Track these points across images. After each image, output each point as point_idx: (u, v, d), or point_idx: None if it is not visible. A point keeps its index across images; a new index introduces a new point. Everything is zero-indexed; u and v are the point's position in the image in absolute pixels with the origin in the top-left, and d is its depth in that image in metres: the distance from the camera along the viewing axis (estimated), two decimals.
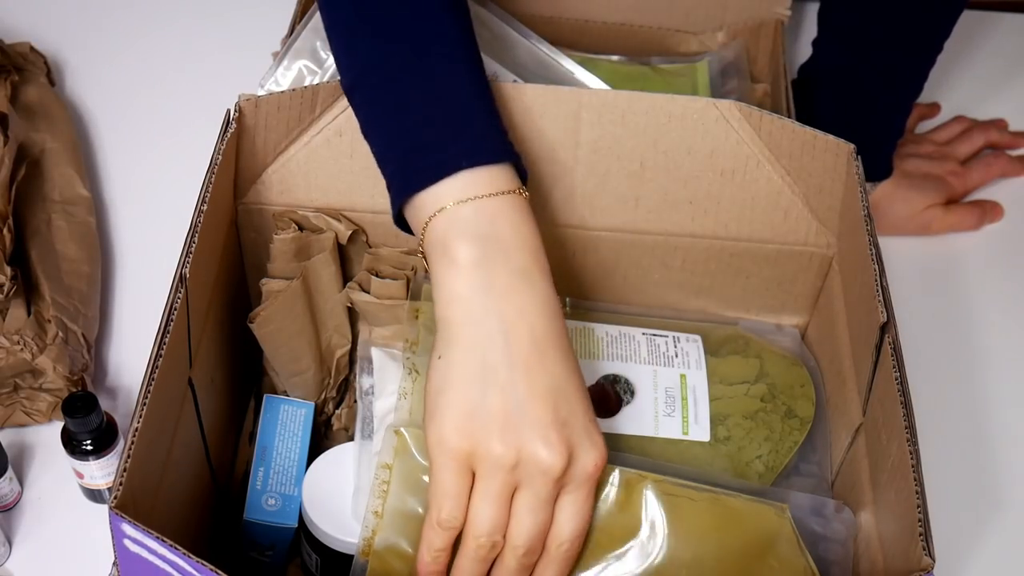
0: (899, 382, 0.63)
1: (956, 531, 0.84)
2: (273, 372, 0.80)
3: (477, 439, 0.61)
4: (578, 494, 0.63)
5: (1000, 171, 1.08)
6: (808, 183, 0.76)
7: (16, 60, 1.03)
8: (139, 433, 0.59)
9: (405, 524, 0.67)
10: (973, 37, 1.20)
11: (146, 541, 0.56)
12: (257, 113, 0.74)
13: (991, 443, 0.90)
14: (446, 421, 0.61)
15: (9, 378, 0.83)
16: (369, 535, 0.67)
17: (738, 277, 0.81)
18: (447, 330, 0.63)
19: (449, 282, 0.63)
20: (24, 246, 0.88)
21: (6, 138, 0.90)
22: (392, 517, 0.67)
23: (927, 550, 0.57)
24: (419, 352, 0.75)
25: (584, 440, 0.62)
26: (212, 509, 0.77)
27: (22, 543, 0.80)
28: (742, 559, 0.67)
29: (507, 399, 0.61)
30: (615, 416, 0.73)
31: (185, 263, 0.65)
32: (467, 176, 0.64)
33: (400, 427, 0.69)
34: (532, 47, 0.87)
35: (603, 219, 0.79)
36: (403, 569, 0.67)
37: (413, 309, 0.77)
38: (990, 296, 1.00)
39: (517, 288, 0.62)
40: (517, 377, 0.61)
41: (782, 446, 0.75)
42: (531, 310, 0.62)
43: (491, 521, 0.62)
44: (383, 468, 0.68)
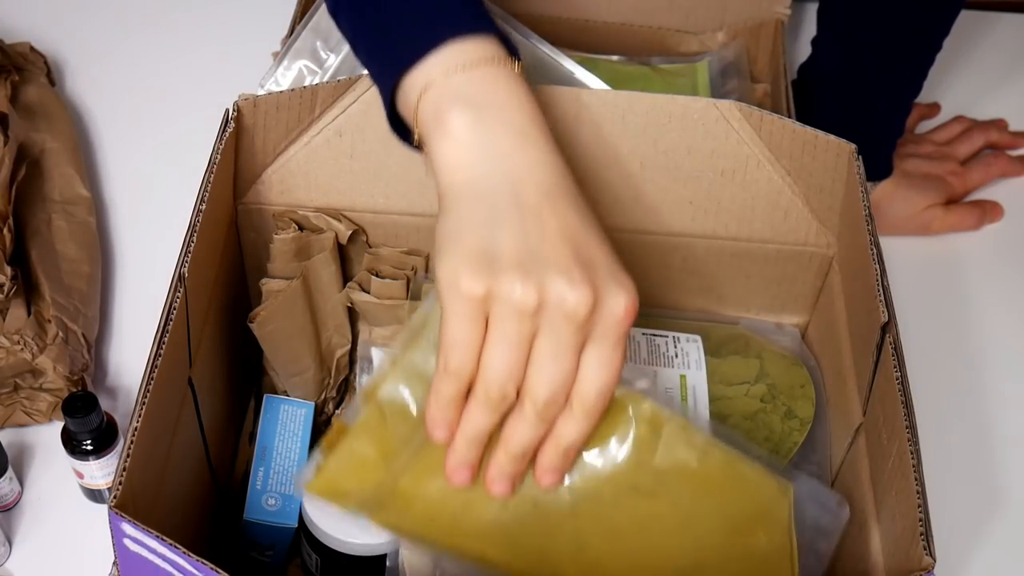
0: (900, 382, 0.63)
1: (956, 531, 0.84)
2: (273, 372, 0.80)
3: (493, 280, 0.55)
4: (605, 343, 0.56)
5: (1000, 171, 1.08)
6: (808, 183, 0.76)
7: (16, 60, 1.03)
8: (139, 433, 0.59)
9: (419, 383, 0.61)
10: (973, 37, 1.20)
11: (146, 540, 0.56)
12: (256, 113, 0.74)
13: (991, 443, 0.90)
14: (459, 262, 0.55)
15: (9, 378, 0.83)
16: (375, 382, 0.61)
17: (738, 277, 0.81)
18: (450, 194, 0.58)
19: (447, 152, 0.59)
20: (24, 246, 0.88)
21: (6, 138, 0.90)
22: (407, 369, 0.61)
23: (927, 550, 0.57)
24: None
25: (611, 283, 0.56)
26: (212, 509, 0.77)
27: (22, 543, 0.80)
28: (732, 520, 0.65)
29: (522, 241, 0.56)
30: None
31: (184, 263, 0.65)
32: (453, 47, 0.60)
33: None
34: (532, 47, 0.87)
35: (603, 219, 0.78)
36: (400, 430, 0.61)
37: (413, 309, 0.77)
38: (990, 296, 1.00)
39: (519, 147, 0.58)
40: (529, 222, 0.56)
41: (782, 447, 0.75)
42: (537, 167, 0.58)
43: (506, 368, 0.55)
44: (418, 318, 0.62)
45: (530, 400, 0.56)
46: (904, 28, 0.94)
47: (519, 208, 0.57)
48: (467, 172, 0.58)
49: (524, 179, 0.58)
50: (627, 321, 0.56)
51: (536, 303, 0.55)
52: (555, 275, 0.55)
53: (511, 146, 0.59)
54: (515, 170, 0.58)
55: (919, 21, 0.94)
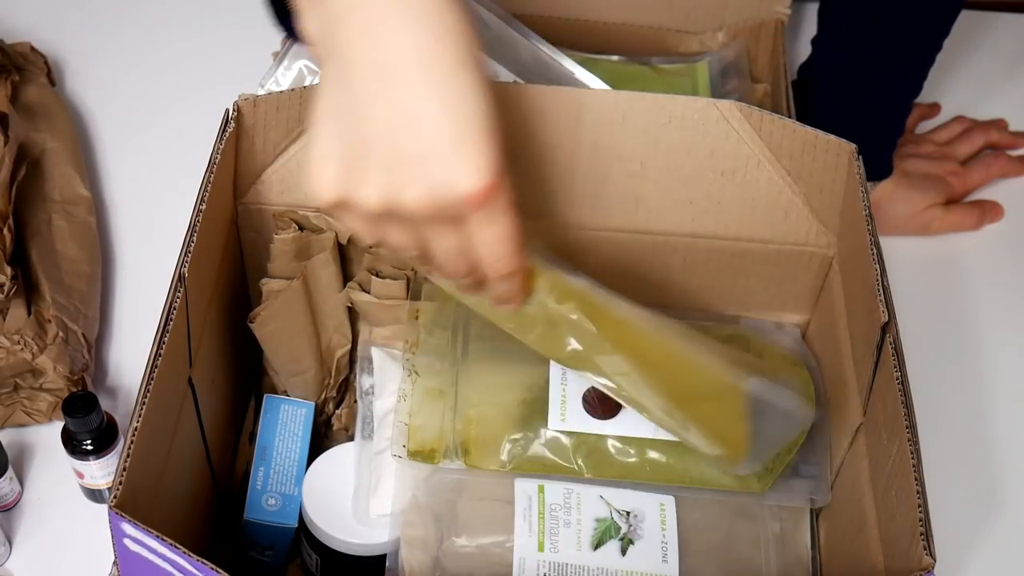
0: (900, 382, 0.63)
1: (956, 531, 0.84)
2: (273, 372, 0.80)
3: (337, 191, 0.55)
4: (476, 227, 0.56)
5: (1000, 171, 1.08)
6: (809, 183, 0.76)
7: (16, 60, 1.03)
8: (139, 433, 0.59)
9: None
10: (973, 37, 1.20)
11: (146, 540, 0.56)
12: (256, 113, 0.74)
13: (991, 443, 0.90)
14: (311, 176, 0.55)
15: (9, 378, 0.83)
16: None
17: (738, 277, 0.81)
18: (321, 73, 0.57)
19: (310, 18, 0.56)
20: (24, 246, 0.88)
21: (6, 138, 0.90)
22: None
23: (928, 550, 0.57)
24: (419, 353, 0.75)
25: (445, 171, 0.53)
26: (212, 509, 0.77)
27: (22, 543, 0.80)
28: (688, 389, 0.70)
29: (351, 142, 0.54)
30: (615, 418, 0.73)
31: (184, 263, 0.65)
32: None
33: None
34: (532, 47, 0.87)
35: (603, 219, 0.79)
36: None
37: (413, 309, 0.77)
38: (990, 296, 1.00)
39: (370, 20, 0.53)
40: (356, 115, 0.54)
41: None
42: (392, 20, 0.53)
43: (401, 246, 0.58)
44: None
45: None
46: (905, 28, 0.94)
47: (352, 98, 0.54)
48: (323, 42, 0.55)
49: (366, 46, 0.53)
50: (476, 202, 0.54)
51: (378, 207, 0.54)
52: (380, 181, 0.54)
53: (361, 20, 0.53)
54: (357, 31, 0.53)
55: (920, 21, 0.94)
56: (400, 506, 0.71)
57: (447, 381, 0.75)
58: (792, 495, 0.74)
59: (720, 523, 0.74)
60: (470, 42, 0.54)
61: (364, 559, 0.72)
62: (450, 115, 0.54)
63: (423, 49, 0.53)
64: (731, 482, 0.74)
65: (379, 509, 0.72)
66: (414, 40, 0.53)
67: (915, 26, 0.95)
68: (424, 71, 0.53)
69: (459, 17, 0.54)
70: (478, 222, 0.56)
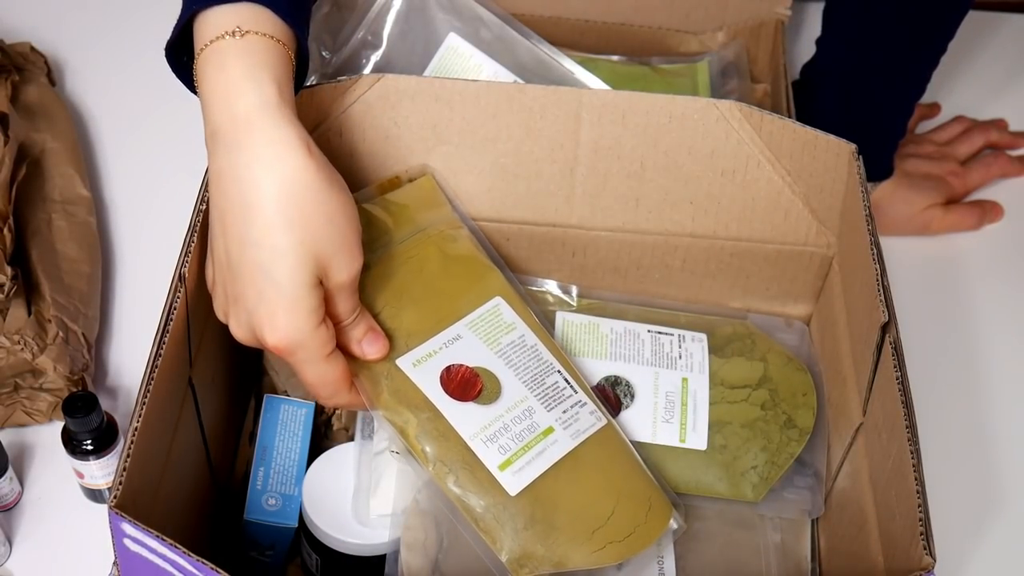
0: (900, 382, 0.63)
1: (956, 531, 0.84)
2: (273, 372, 0.80)
3: (223, 320, 0.65)
4: (297, 370, 0.65)
5: (1000, 171, 1.08)
6: (808, 183, 0.76)
7: (17, 60, 1.03)
8: (139, 433, 0.59)
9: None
10: (973, 37, 1.20)
11: (146, 540, 0.56)
12: None
13: (991, 443, 0.90)
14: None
15: (9, 378, 0.83)
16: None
17: (739, 277, 0.81)
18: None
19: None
20: (24, 246, 0.88)
21: (7, 138, 0.90)
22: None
23: (928, 550, 0.57)
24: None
25: (257, 322, 0.62)
26: (212, 509, 0.77)
27: (22, 543, 0.80)
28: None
29: (222, 275, 0.64)
30: (614, 419, 0.73)
31: (184, 263, 0.65)
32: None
33: None
34: (532, 47, 0.87)
35: (604, 219, 0.79)
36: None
37: None
38: (990, 296, 1.00)
39: (238, 143, 0.61)
40: (215, 252, 0.64)
41: (779, 457, 0.74)
42: (261, 159, 0.61)
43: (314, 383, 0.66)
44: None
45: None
46: (911, 30, 0.94)
47: (218, 233, 0.63)
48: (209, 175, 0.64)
49: (230, 190, 0.62)
50: (279, 348, 0.63)
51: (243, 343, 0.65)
52: (236, 318, 0.64)
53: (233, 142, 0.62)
54: (228, 176, 0.62)
55: (927, 23, 0.94)
56: (401, 507, 0.71)
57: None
58: (786, 506, 0.74)
59: (720, 533, 0.74)
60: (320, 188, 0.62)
61: (364, 559, 0.72)
62: (274, 275, 0.61)
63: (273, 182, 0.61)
64: (724, 489, 0.74)
65: (379, 509, 0.72)
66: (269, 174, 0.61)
67: (922, 28, 0.94)
68: (264, 209, 0.61)
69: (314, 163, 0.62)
70: (295, 367, 0.64)
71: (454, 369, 0.70)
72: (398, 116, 0.75)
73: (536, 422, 0.69)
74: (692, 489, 0.74)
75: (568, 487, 0.68)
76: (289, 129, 0.61)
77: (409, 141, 0.76)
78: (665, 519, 0.69)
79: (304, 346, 0.63)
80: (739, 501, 0.74)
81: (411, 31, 0.86)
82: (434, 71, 0.85)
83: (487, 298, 0.74)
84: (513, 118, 0.75)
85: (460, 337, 0.71)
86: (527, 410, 0.69)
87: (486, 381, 0.70)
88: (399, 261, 0.73)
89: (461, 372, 0.70)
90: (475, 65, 0.86)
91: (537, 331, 0.73)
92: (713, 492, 0.74)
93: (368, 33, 0.86)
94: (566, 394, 0.71)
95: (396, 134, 0.76)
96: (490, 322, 0.73)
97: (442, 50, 0.86)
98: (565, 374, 0.72)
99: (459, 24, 0.86)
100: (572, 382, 0.72)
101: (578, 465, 0.68)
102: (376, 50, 0.86)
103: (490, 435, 0.68)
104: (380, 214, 0.74)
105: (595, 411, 0.71)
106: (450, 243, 0.75)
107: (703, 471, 0.74)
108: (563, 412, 0.70)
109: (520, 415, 0.69)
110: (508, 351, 0.71)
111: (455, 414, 0.68)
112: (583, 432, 0.70)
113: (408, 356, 0.69)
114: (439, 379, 0.69)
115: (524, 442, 0.68)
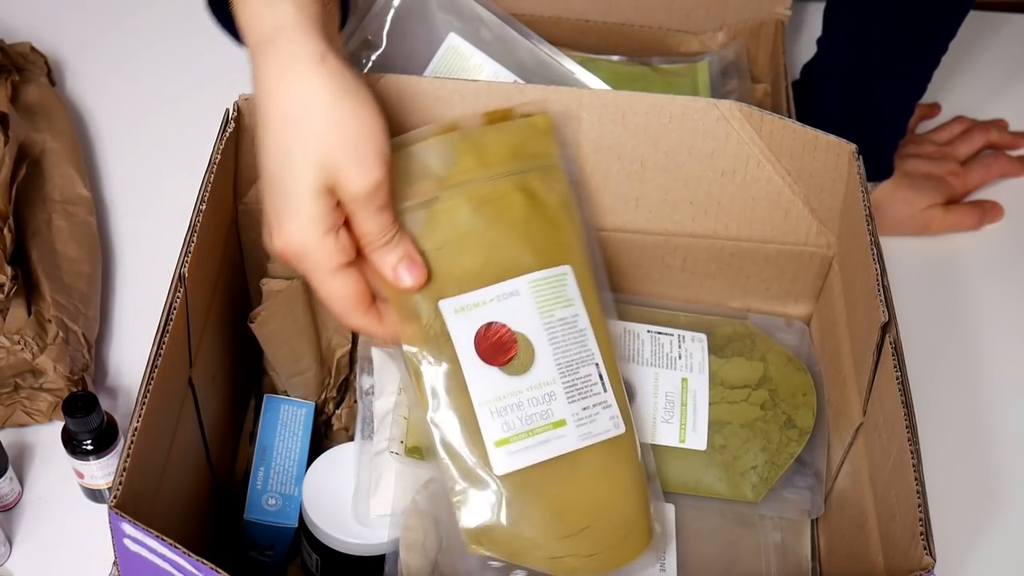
0: (900, 382, 0.63)
1: (956, 531, 0.84)
2: (273, 372, 0.80)
3: (266, 244, 0.65)
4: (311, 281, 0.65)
5: (1000, 171, 1.08)
6: (809, 183, 0.76)
7: (17, 60, 1.03)
8: (139, 433, 0.59)
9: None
10: (974, 38, 1.20)
11: (146, 540, 0.56)
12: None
13: (991, 443, 0.90)
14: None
15: (9, 378, 0.83)
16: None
17: (739, 277, 0.81)
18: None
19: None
20: (25, 246, 0.88)
21: (7, 138, 0.90)
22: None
23: (928, 549, 0.57)
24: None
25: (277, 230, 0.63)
26: (212, 509, 0.77)
27: (22, 543, 0.80)
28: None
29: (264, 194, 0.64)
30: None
31: (184, 263, 0.65)
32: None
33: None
34: (533, 47, 0.87)
35: (604, 219, 0.79)
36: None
37: None
38: (990, 296, 1.00)
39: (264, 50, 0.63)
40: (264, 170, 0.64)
41: (778, 457, 0.74)
42: (272, 99, 0.62)
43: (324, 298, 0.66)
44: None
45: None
46: (913, 30, 0.94)
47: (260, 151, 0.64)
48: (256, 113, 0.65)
49: (266, 102, 0.63)
50: (300, 261, 0.63)
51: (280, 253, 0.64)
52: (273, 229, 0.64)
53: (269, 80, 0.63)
54: (262, 89, 0.63)
55: (927, 23, 0.94)
56: (400, 507, 0.71)
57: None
58: (786, 506, 0.74)
59: (720, 532, 0.74)
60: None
61: (364, 559, 0.72)
62: (282, 181, 0.62)
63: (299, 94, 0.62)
64: (724, 490, 0.74)
65: (379, 509, 0.72)
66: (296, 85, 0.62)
67: (923, 28, 0.94)
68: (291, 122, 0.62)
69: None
70: (307, 280, 0.65)
71: (494, 328, 0.67)
72: (399, 116, 0.75)
73: (552, 409, 0.67)
74: (692, 489, 0.74)
75: (555, 485, 0.66)
76: (303, 43, 0.62)
77: None
78: (637, 551, 0.67)
79: (308, 254, 0.63)
80: (739, 501, 0.74)
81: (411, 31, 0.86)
82: (434, 71, 0.85)
83: (558, 262, 0.70)
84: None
85: (517, 293, 0.68)
86: (548, 394, 0.67)
87: (521, 350, 0.67)
88: (478, 200, 0.69)
89: (500, 333, 0.67)
90: (475, 65, 0.86)
91: (593, 316, 0.70)
92: (713, 492, 0.74)
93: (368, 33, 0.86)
94: (595, 390, 0.68)
95: (397, 134, 0.76)
96: (551, 289, 0.69)
97: (442, 50, 0.86)
98: (602, 369, 0.69)
99: (459, 24, 0.86)
100: (606, 379, 0.69)
101: (575, 467, 0.67)
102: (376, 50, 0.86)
103: (500, 408, 0.66)
104: (465, 146, 0.71)
105: (616, 416, 0.69)
106: (542, 192, 0.71)
107: (703, 471, 0.74)
108: (583, 408, 0.68)
109: (539, 397, 0.67)
110: (556, 326, 0.69)
111: (475, 375, 0.66)
112: (594, 435, 0.68)
113: (454, 300, 0.67)
114: (475, 333, 0.67)
115: (531, 426, 0.66)
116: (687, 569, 0.72)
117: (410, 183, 0.68)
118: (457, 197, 0.69)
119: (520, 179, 0.71)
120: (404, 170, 0.68)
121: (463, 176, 0.70)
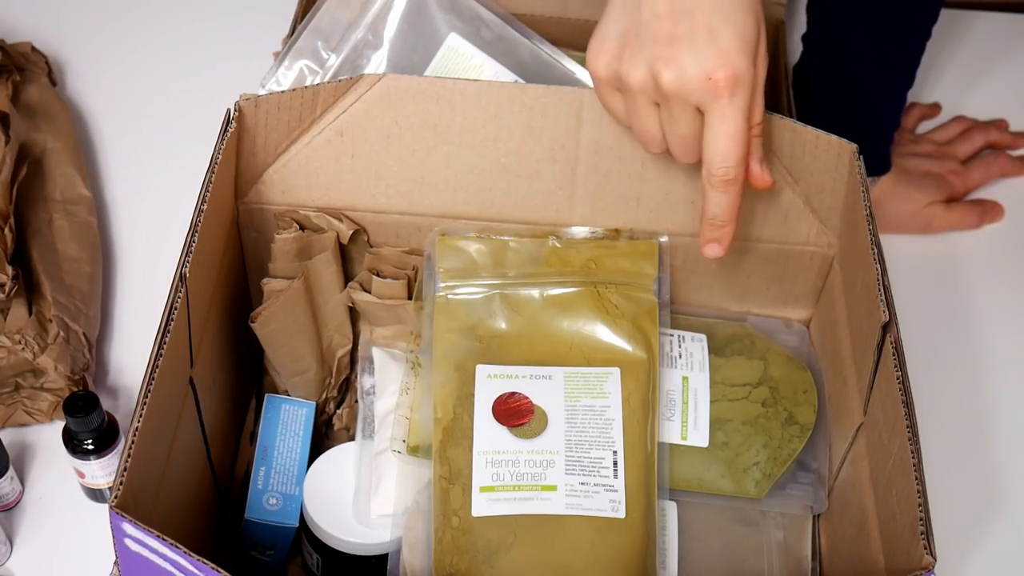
0: (900, 381, 0.63)
1: (956, 531, 0.84)
2: (274, 372, 0.80)
3: (611, 65, 0.64)
4: (709, 111, 0.63)
5: (1000, 171, 1.08)
6: (809, 183, 0.76)
7: (17, 60, 1.03)
8: (140, 433, 0.59)
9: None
10: (974, 38, 1.20)
11: (147, 540, 0.56)
12: (257, 113, 0.74)
13: (991, 443, 0.90)
14: (591, 51, 0.65)
15: (10, 377, 0.83)
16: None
17: (739, 276, 0.82)
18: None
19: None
20: (25, 246, 0.88)
21: (7, 138, 0.90)
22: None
23: (928, 549, 0.57)
24: (422, 347, 0.75)
25: (695, 54, 0.61)
26: (213, 508, 0.77)
27: (23, 543, 0.80)
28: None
29: (633, 21, 0.63)
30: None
31: (185, 263, 0.65)
32: None
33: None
34: (533, 47, 0.87)
35: (605, 219, 0.79)
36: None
37: (415, 309, 0.77)
38: (991, 295, 1.00)
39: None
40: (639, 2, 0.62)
41: (780, 453, 0.75)
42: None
43: (647, 131, 0.66)
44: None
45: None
46: (893, 16, 0.94)
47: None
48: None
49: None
50: (716, 88, 0.61)
51: (640, 82, 0.63)
52: (645, 58, 0.62)
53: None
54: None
55: (907, 8, 0.94)
56: (402, 507, 0.71)
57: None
58: (790, 502, 0.75)
59: (722, 531, 0.74)
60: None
61: (365, 559, 0.72)
62: (718, 11, 0.61)
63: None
64: (727, 486, 0.74)
65: (380, 509, 0.72)
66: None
67: (903, 14, 0.94)
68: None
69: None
70: (712, 113, 0.63)
71: (516, 396, 0.70)
72: (399, 116, 0.75)
73: (546, 474, 0.69)
74: (695, 486, 0.74)
75: (530, 543, 0.67)
76: None
77: (410, 141, 0.76)
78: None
79: (743, 86, 0.62)
80: (742, 497, 0.74)
81: (411, 31, 0.86)
82: (435, 71, 0.85)
83: (607, 364, 0.73)
84: (514, 118, 0.75)
85: (550, 378, 0.72)
86: (547, 461, 0.69)
87: (535, 419, 0.70)
88: (548, 302, 0.74)
89: (520, 403, 0.70)
90: (476, 65, 0.86)
91: (631, 413, 0.71)
92: (716, 489, 0.74)
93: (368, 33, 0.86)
94: (601, 473, 0.69)
95: (397, 134, 0.76)
96: (586, 382, 0.72)
97: (443, 50, 0.86)
98: (619, 458, 0.70)
99: (460, 24, 0.86)
100: (620, 467, 0.69)
101: (557, 532, 0.67)
102: (376, 50, 0.86)
103: (496, 460, 0.68)
104: (559, 251, 0.76)
105: (618, 501, 0.69)
106: (616, 301, 0.75)
107: (705, 468, 0.74)
108: (581, 483, 0.69)
109: (537, 461, 0.69)
110: (579, 410, 0.71)
111: (483, 427, 0.69)
112: (585, 509, 0.68)
113: (490, 367, 0.71)
114: (497, 397, 0.70)
115: (519, 483, 0.68)
116: (688, 568, 0.72)
117: (498, 266, 0.74)
118: (533, 290, 0.74)
119: (600, 289, 0.75)
120: (496, 253, 0.75)
121: (541, 277, 0.75)
